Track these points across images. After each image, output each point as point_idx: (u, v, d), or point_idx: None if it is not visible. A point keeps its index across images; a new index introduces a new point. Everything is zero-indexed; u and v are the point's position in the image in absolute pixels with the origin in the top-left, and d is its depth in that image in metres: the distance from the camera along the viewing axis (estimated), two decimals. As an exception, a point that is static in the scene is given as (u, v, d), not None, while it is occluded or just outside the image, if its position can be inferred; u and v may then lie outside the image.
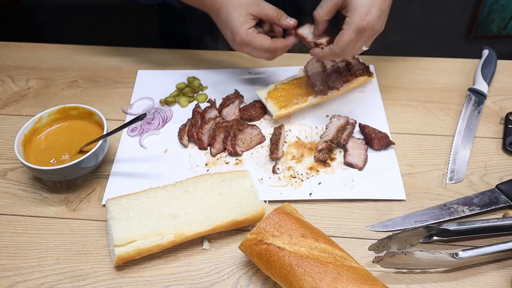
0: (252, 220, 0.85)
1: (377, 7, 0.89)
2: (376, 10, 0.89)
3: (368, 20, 0.88)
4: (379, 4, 0.89)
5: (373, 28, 0.90)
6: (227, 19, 0.99)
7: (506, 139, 1.01)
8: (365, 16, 0.88)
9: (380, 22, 0.91)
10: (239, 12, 0.98)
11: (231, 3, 0.99)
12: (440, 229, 0.81)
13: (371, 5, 0.88)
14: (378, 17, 0.89)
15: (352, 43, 0.91)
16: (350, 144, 0.99)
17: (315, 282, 0.70)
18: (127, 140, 1.04)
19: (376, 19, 0.89)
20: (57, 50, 1.28)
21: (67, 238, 0.86)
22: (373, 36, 0.93)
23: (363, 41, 0.92)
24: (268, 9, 1.00)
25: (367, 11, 0.88)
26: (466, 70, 1.19)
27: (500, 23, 2.43)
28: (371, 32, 0.90)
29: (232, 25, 0.99)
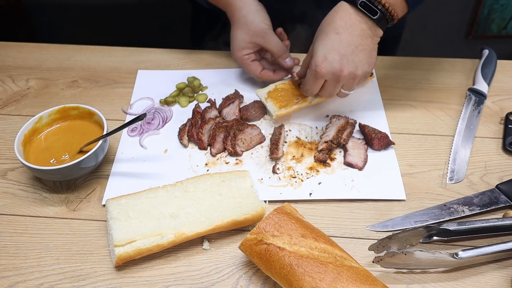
0: (252, 220, 0.85)
1: (335, 53, 0.89)
2: (334, 56, 0.89)
3: (323, 66, 0.89)
4: (337, 49, 0.89)
5: (333, 74, 0.90)
6: (233, 37, 1.08)
7: (506, 139, 1.01)
8: (320, 62, 0.90)
9: (344, 66, 0.90)
10: (243, 37, 1.06)
11: (241, 25, 1.06)
12: (440, 229, 0.81)
13: (327, 52, 0.89)
14: (338, 62, 0.89)
15: (313, 85, 0.94)
16: (350, 144, 0.99)
17: (315, 282, 0.70)
18: (127, 140, 1.04)
19: (336, 64, 0.89)
20: (57, 50, 1.28)
21: (67, 238, 0.86)
22: (344, 81, 0.93)
23: (332, 85, 0.93)
24: (272, 44, 1.05)
25: (323, 57, 0.90)
26: (466, 70, 1.19)
27: (500, 23, 2.43)
28: (333, 77, 0.91)
29: (233, 45, 1.08)
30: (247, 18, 1.05)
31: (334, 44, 0.89)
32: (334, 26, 0.90)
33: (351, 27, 0.90)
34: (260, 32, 1.04)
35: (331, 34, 0.89)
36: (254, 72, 1.09)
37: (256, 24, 1.04)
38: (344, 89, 0.96)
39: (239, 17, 1.05)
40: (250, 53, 1.08)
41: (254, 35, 1.05)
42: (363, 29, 0.90)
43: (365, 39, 0.91)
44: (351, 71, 0.91)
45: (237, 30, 1.06)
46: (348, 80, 0.93)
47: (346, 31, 0.89)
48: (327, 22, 0.91)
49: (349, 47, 0.89)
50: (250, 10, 1.05)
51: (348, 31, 0.89)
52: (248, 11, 1.05)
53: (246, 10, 1.05)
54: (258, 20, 1.05)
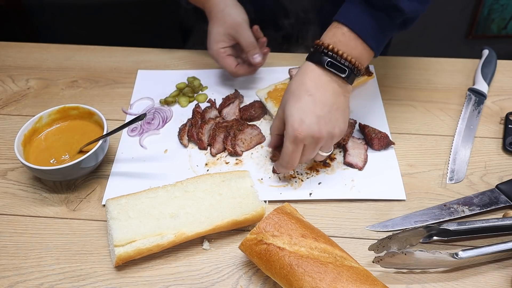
0: (252, 220, 0.85)
1: (311, 114, 0.84)
2: (310, 118, 0.83)
3: (301, 130, 0.83)
4: (313, 111, 0.84)
5: (313, 136, 0.84)
6: (209, 31, 1.09)
7: (506, 139, 1.01)
8: (298, 126, 0.83)
9: (322, 128, 0.84)
10: (218, 30, 1.06)
11: (217, 19, 1.06)
12: (440, 229, 0.81)
13: (303, 114, 0.84)
14: (316, 123, 0.83)
15: (294, 154, 0.86)
16: (350, 144, 0.99)
17: (315, 282, 0.70)
18: (127, 140, 1.04)
19: (313, 126, 0.83)
20: (57, 50, 1.28)
21: (67, 238, 0.86)
22: (322, 143, 0.86)
23: (311, 149, 0.87)
24: (243, 38, 1.05)
25: (299, 121, 0.83)
26: (466, 70, 1.19)
27: (500, 23, 2.43)
28: (312, 140, 0.85)
29: (210, 39, 1.08)
30: (224, 12, 1.05)
31: (309, 106, 0.84)
32: (305, 88, 0.85)
33: (322, 87, 0.85)
34: (234, 25, 1.04)
35: (304, 96, 0.84)
36: (230, 66, 1.08)
37: (232, 17, 1.05)
38: (322, 150, 0.90)
39: (217, 11, 1.06)
40: (226, 47, 1.07)
41: (228, 27, 1.05)
42: (334, 88, 0.86)
43: (338, 97, 0.87)
44: (329, 131, 0.86)
45: (213, 24, 1.07)
46: (326, 141, 0.87)
47: (318, 92, 0.85)
48: (296, 85, 0.86)
49: (324, 107, 0.85)
50: (227, 4, 1.06)
51: (320, 91, 0.85)
52: (225, 5, 1.06)
53: (223, 5, 1.06)
54: (234, 13, 1.05)
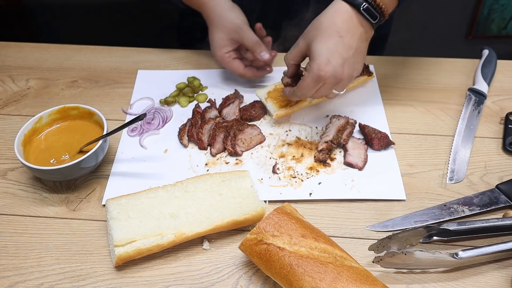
0: (252, 220, 0.85)
1: (338, 56, 0.87)
2: (337, 59, 0.87)
3: (327, 70, 0.87)
4: (341, 53, 0.87)
5: (336, 77, 0.89)
6: (211, 38, 1.09)
7: (506, 139, 1.01)
8: (325, 66, 0.87)
9: (344, 70, 0.89)
10: (220, 36, 1.07)
11: (217, 24, 1.07)
12: (440, 229, 0.81)
13: (331, 55, 0.87)
14: (340, 65, 0.88)
15: (311, 89, 0.91)
16: (350, 144, 0.99)
17: (315, 282, 0.70)
18: (127, 140, 1.04)
19: (338, 68, 0.88)
20: (57, 50, 1.28)
21: (67, 238, 0.86)
22: (341, 83, 0.92)
23: (328, 87, 0.92)
24: (247, 39, 1.06)
25: (326, 61, 0.87)
26: (466, 70, 1.19)
27: (500, 23, 2.43)
28: (334, 80, 0.90)
29: (213, 45, 1.09)
30: (222, 17, 1.06)
31: (338, 47, 0.87)
32: (336, 28, 0.88)
33: (352, 30, 0.88)
34: (235, 28, 1.05)
35: (334, 37, 0.87)
36: (237, 69, 1.09)
37: (231, 20, 1.05)
38: (337, 89, 0.95)
39: (214, 16, 1.07)
40: (230, 51, 1.08)
41: (230, 32, 1.06)
42: (362, 33, 0.90)
43: (362, 42, 0.91)
44: (350, 74, 0.91)
45: (214, 30, 1.08)
46: (345, 82, 0.92)
47: (348, 34, 0.88)
48: (327, 23, 0.89)
49: (350, 50, 0.88)
50: (224, 8, 1.07)
51: (350, 34, 0.88)
52: (222, 9, 1.06)
53: (220, 9, 1.07)
54: (232, 16, 1.06)
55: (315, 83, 0.90)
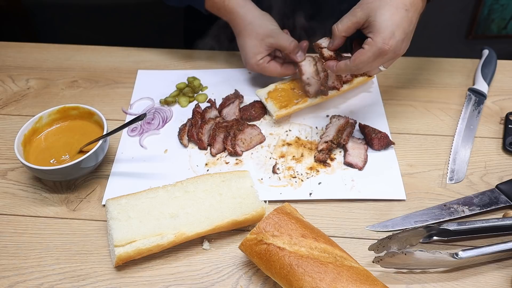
0: (252, 220, 0.85)
1: (402, 31, 0.85)
2: (401, 34, 0.85)
3: (391, 44, 0.84)
4: (404, 27, 0.85)
5: (395, 52, 0.86)
6: (243, 46, 1.07)
7: (506, 139, 1.01)
8: (389, 39, 0.84)
9: (403, 46, 0.87)
10: (254, 43, 1.05)
11: (249, 32, 1.05)
12: (440, 229, 0.81)
13: (396, 28, 0.84)
14: (402, 40, 0.85)
15: (370, 64, 0.88)
16: (350, 144, 0.99)
17: (315, 282, 0.70)
18: (127, 140, 1.04)
19: (400, 43, 0.85)
20: (57, 50, 1.28)
21: (67, 238, 0.86)
22: (394, 59, 0.90)
23: (381, 62, 0.89)
24: (282, 42, 1.04)
25: (391, 34, 0.84)
26: (466, 70, 1.19)
27: (500, 23, 2.43)
28: (393, 55, 0.87)
29: (246, 53, 1.07)
30: (254, 24, 1.05)
31: (403, 21, 0.85)
32: (403, 2, 0.85)
33: (416, 5, 0.87)
34: (271, 33, 1.04)
35: (401, 10, 0.84)
36: (275, 70, 1.07)
37: (265, 26, 1.05)
38: (385, 66, 0.92)
39: (246, 24, 1.05)
40: (265, 56, 1.07)
41: (265, 37, 1.04)
42: (420, 7, 0.88)
43: (418, 16, 0.89)
44: (404, 50, 0.89)
45: (245, 38, 1.06)
46: (398, 57, 0.90)
47: (412, 8, 0.86)
48: None
49: (411, 25, 0.87)
50: (255, 15, 1.06)
51: (414, 8, 0.86)
52: (253, 17, 1.05)
53: (251, 16, 1.05)
54: (266, 23, 1.05)
55: (376, 56, 0.86)
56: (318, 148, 0.99)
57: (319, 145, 0.99)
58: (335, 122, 1.02)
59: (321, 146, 0.98)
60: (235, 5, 1.06)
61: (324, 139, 0.99)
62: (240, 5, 1.06)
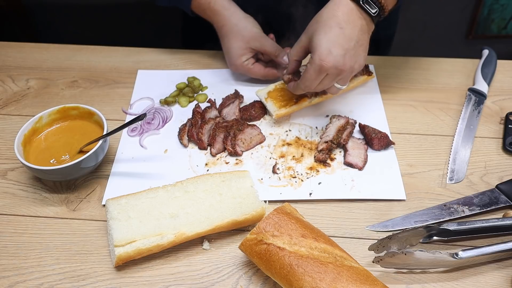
0: (252, 220, 0.85)
1: (339, 47, 0.88)
2: (338, 50, 0.88)
3: (328, 60, 0.87)
4: (342, 44, 0.88)
5: (337, 68, 0.89)
6: (229, 47, 1.10)
7: (506, 139, 1.01)
8: (326, 56, 0.88)
9: (346, 61, 0.89)
10: (239, 45, 1.09)
11: (234, 34, 1.08)
12: (440, 229, 0.81)
13: (331, 45, 0.88)
14: (342, 56, 0.88)
15: (314, 81, 0.92)
16: (350, 144, 0.99)
17: (315, 282, 0.70)
18: (127, 140, 1.04)
19: (339, 58, 0.88)
20: (57, 50, 1.28)
21: (67, 238, 0.86)
22: (343, 75, 0.92)
23: (331, 79, 0.92)
24: (267, 46, 1.09)
25: (327, 51, 0.88)
26: (466, 70, 1.19)
27: (500, 23, 2.43)
28: (335, 71, 0.89)
29: (231, 55, 1.11)
30: (239, 26, 1.08)
31: (339, 38, 0.88)
32: (337, 20, 0.89)
33: (353, 22, 0.89)
34: (255, 36, 1.08)
35: (335, 28, 0.88)
36: (259, 72, 1.11)
37: (250, 29, 1.08)
38: (339, 83, 0.95)
39: (231, 26, 1.08)
40: (249, 58, 1.10)
41: (250, 40, 1.08)
42: (362, 25, 0.90)
43: (363, 34, 0.91)
44: (351, 65, 0.91)
45: (231, 40, 1.09)
46: (347, 74, 0.92)
47: (348, 26, 0.89)
48: (328, 16, 0.90)
49: (351, 42, 0.89)
50: (239, 18, 1.09)
51: (350, 26, 0.89)
52: (238, 19, 1.08)
53: (236, 18, 1.08)
54: (250, 25, 1.09)
55: (317, 74, 0.90)
56: (318, 148, 0.99)
57: (319, 145, 0.99)
58: (335, 122, 1.02)
59: (321, 146, 0.98)
60: (220, 7, 1.09)
61: (324, 139, 0.99)
62: (225, 7, 1.09)
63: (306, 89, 0.96)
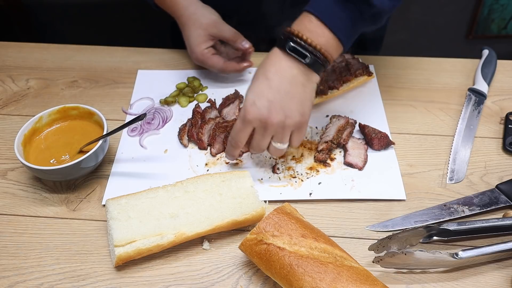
0: (252, 220, 0.85)
1: (263, 99, 0.83)
2: (263, 101, 0.83)
3: (252, 111, 0.83)
4: (266, 95, 0.83)
5: (261, 120, 0.83)
6: (188, 36, 1.10)
7: (506, 139, 1.01)
8: (249, 107, 0.83)
9: (272, 114, 0.83)
10: (198, 33, 1.08)
11: (193, 22, 1.08)
12: (440, 229, 0.81)
13: (256, 97, 0.84)
14: (266, 108, 0.83)
15: (240, 133, 0.86)
16: (350, 144, 0.99)
17: (315, 282, 0.70)
18: (127, 140, 1.04)
19: (263, 111, 0.83)
20: (57, 50, 1.28)
21: (67, 238, 0.86)
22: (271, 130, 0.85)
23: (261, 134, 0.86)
24: (226, 32, 1.09)
25: (251, 103, 0.84)
26: (466, 70, 1.19)
27: (500, 23, 2.43)
28: (260, 124, 0.84)
29: (190, 44, 1.10)
30: (197, 14, 1.08)
31: (264, 89, 0.84)
32: (264, 71, 0.85)
33: (280, 73, 0.84)
34: (213, 23, 1.08)
35: (261, 79, 0.85)
36: (218, 63, 1.09)
37: (208, 16, 1.08)
38: (275, 140, 0.87)
39: (189, 14, 1.08)
40: (209, 47, 1.10)
41: (208, 27, 1.07)
42: (294, 75, 0.84)
43: (296, 86, 0.84)
44: (280, 120, 0.84)
45: (190, 28, 1.09)
46: (277, 129, 0.85)
47: (275, 77, 0.84)
48: (259, 68, 0.87)
49: (278, 94, 0.83)
50: (197, 6, 1.09)
51: (277, 76, 0.84)
52: (196, 7, 1.09)
53: (194, 7, 1.09)
54: (207, 12, 1.09)
55: (242, 125, 0.86)
56: (318, 148, 0.99)
57: (319, 145, 0.99)
58: (335, 122, 1.02)
59: (321, 146, 0.98)
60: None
61: (324, 139, 0.99)
62: None
63: (235, 146, 0.89)
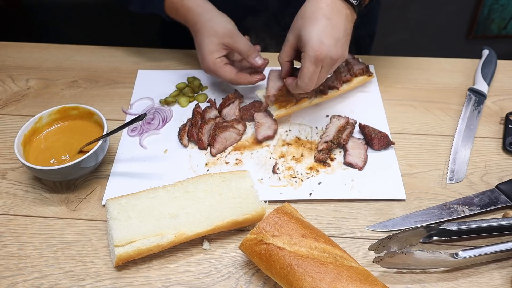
0: (252, 220, 0.85)
1: (330, 37, 0.89)
2: (329, 39, 0.88)
3: (321, 50, 0.88)
4: (332, 33, 0.89)
5: (331, 57, 0.89)
6: (200, 44, 1.06)
7: (506, 139, 1.01)
8: (319, 46, 0.88)
9: (338, 50, 0.90)
10: (211, 40, 1.04)
11: (207, 29, 1.04)
12: (440, 229, 0.81)
13: (322, 36, 0.88)
14: (334, 45, 0.89)
15: (314, 74, 0.91)
16: (350, 144, 0.99)
17: (315, 282, 0.70)
18: (127, 140, 1.04)
19: (332, 48, 0.89)
20: (57, 50, 1.28)
21: (67, 238, 0.86)
22: (334, 65, 0.93)
23: (326, 72, 0.92)
24: (240, 44, 1.04)
25: (319, 42, 0.88)
26: (466, 70, 1.19)
27: (500, 23, 2.43)
28: (330, 61, 0.90)
29: (203, 51, 1.05)
30: (212, 22, 1.04)
31: (327, 29, 0.89)
32: (322, 12, 0.89)
33: (338, 12, 0.90)
34: (228, 33, 1.04)
35: (322, 19, 0.89)
36: (229, 74, 1.05)
37: (223, 25, 1.04)
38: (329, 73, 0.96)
39: (204, 22, 1.05)
40: (222, 56, 1.05)
41: (223, 36, 1.03)
42: (347, 14, 0.92)
43: (349, 23, 0.93)
44: (343, 53, 0.92)
45: (203, 35, 1.04)
46: (339, 62, 0.93)
47: (335, 16, 0.90)
48: (312, 9, 0.90)
49: (340, 31, 0.90)
50: (213, 14, 1.06)
51: (336, 16, 0.90)
52: (212, 15, 1.05)
53: (209, 15, 1.05)
54: (224, 21, 1.05)
55: (314, 66, 0.89)
56: (318, 148, 0.99)
57: (319, 145, 0.99)
58: (335, 122, 1.02)
59: (321, 146, 0.98)
60: (192, 4, 1.06)
61: (324, 139, 0.99)
62: (198, 4, 1.06)
63: (307, 86, 0.93)
